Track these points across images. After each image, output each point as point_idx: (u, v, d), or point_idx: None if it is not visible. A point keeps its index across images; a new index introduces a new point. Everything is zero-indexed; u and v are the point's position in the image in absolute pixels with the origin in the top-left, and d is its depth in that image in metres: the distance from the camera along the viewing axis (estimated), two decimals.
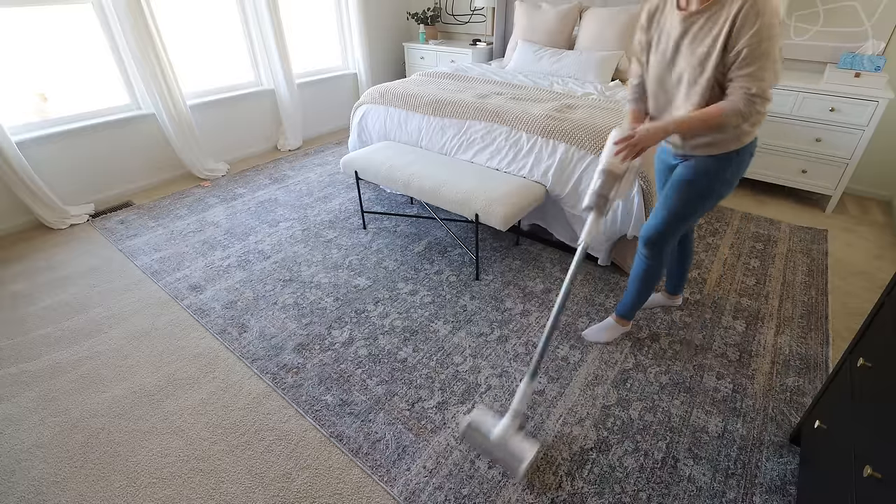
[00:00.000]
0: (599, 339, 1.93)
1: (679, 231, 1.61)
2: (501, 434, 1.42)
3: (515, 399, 1.45)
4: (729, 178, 1.50)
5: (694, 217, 1.57)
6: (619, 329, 1.93)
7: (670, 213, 1.57)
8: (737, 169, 1.48)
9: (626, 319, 1.91)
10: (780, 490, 1.40)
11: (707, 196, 1.52)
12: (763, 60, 1.24)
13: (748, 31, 1.22)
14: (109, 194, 3.15)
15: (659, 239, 1.62)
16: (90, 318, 2.10)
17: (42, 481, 1.44)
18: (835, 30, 2.89)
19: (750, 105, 1.28)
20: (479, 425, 1.47)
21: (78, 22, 2.80)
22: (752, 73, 1.26)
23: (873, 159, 3.03)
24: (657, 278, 1.73)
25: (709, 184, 1.50)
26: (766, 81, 1.26)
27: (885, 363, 1.04)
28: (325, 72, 4.33)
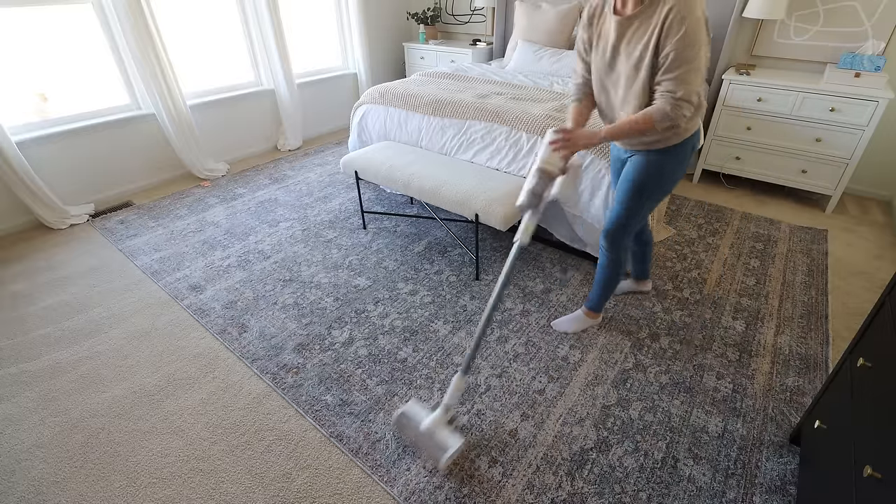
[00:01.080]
0: (567, 329, 1.98)
1: (634, 223, 1.68)
2: (430, 425, 1.48)
3: (447, 393, 1.49)
4: (672, 171, 1.57)
5: (644, 209, 1.65)
6: (588, 321, 1.98)
7: (623, 207, 1.65)
8: (679, 162, 1.55)
9: (595, 312, 1.96)
10: (780, 490, 1.40)
11: (653, 189, 1.60)
12: (687, 65, 1.28)
13: (674, 37, 1.26)
14: (109, 194, 3.15)
15: (615, 232, 1.70)
16: (90, 318, 2.10)
17: (42, 481, 1.44)
18: (835, 30, 2.89)
19: (676, 109, 1.33)
20: (410, 416, 1.52)
21: (78, 22, 2.80)
22: (677, 77, 1.30)
23: (873, 159, 3.03)
24: (620, 270, 1.81)
25: (653, 178, 1.57)
26: (690, 86, 1.31)
27: (885, 363, 1.04)
28: (325, 72, 4.33)
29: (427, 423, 1.49)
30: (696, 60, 1.28)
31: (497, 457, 1.49)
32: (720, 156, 3.18)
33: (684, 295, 2.21)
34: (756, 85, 2.87)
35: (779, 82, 2.80)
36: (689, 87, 1.30)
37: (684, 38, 1.25)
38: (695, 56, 1.27)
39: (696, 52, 1.27)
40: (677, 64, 1.29)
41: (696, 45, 1.26)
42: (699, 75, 1.31)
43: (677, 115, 1.34)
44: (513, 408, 1.66)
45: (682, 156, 1.55)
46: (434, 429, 1.48)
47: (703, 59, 1.30)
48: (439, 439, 1.45)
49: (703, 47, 1.28)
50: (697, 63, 1.29)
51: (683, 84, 1.30)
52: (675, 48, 1.27)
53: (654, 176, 1.57)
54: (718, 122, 3.09)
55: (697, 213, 2.91)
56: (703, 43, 1.28)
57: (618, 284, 1.86)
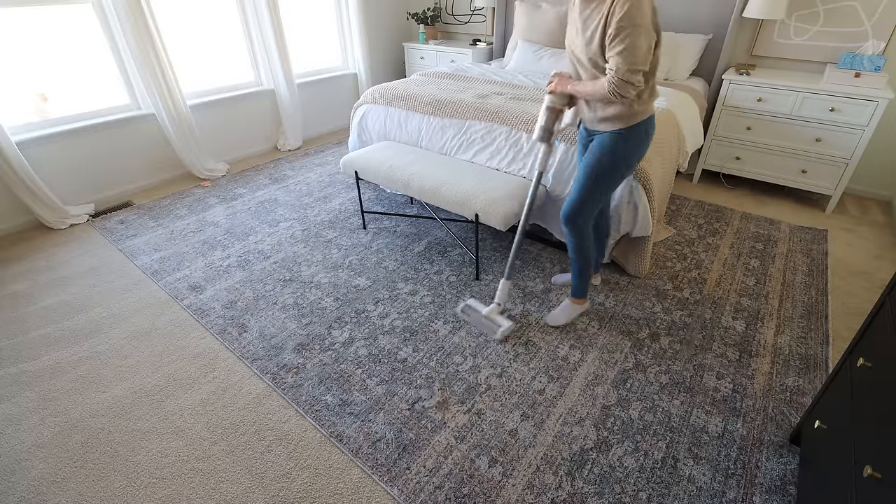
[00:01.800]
0: (559, 321, 2.02)
1: (591, 205, 1.76)
2: (489, 311, 1.98)
3: (497, 294, 1.99)
4: (625, 154, 1.67)
5: (600, 191, 1.73)
6: (578, 308, 2.04)
7: (580, 187, 1.74)
8: (634, 144, 1.66)
9: (581, 298, 2.02)
10: (780, 490, 1.40)
11: (608, 169, 1.69)
12: (626, 46, 1.40)
13: (618, 16, 1.39)
14: (109, 194, 3.15)
15: (574, 214, 1.78)
16: (90, 318, 2.10)
17: (42, 481, 1.44)
18: (835, 30, 2.89)
19: (615, 85, 1.46)
20: (473, 306, 2.04)
21: (78, 22, 2.80)
22: (618, 54, 1.43)
23: (873, 159, 3.03)
24: (588, 251, 1.88)
25: (608, 158, 1.67)
26: (629, 65, 1.43)
27: (885, 363, 1.04)
28: (325, 72, 4.33)
29: (486, 311, 1.98)
30: (634, 42, 1.40)
31: (497, 457, 1.49)
32: (720, 156, 3.18)
33: (684, 295, 2.21)
34: (756, 85, 2.87)
35: (779, 82, 2.80)
36: (625, 67, 1.43)
37: (624, 20, 1.38)
38: (635, 37, 1.39)
39: (634, 34, 1.39)
40: (617, 43, 1.42)
41: (636, 27, 1.38)
42: (638, 56, 1.42)
43: (618, 90, 1.47)
44: (513, 408, 1.66)
45: (636, 139, 1.65)
46: (492, 313, 1.97)
47: (642, 42, 1.41)
48: (496, 320, 1.96)
49: (642, 31, 1.40)
50: (635, 44, 1.40)
51: (621, 64, 1.43)
52: (615, 28, 1.40)
53: (609, 156, 1.67)
54: (718, 122, 3.09)
55: (697, 213, 2.91)
56: (644, 28, 1.40)
57: (591, 266, 1.94)
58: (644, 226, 2.14)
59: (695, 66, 3.30)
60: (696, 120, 2.88)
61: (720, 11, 3.13)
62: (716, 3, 3.13)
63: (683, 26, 3.31)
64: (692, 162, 3.40)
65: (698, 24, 3.25)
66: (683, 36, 3.22)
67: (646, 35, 1.41)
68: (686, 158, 2.75)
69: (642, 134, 1.65)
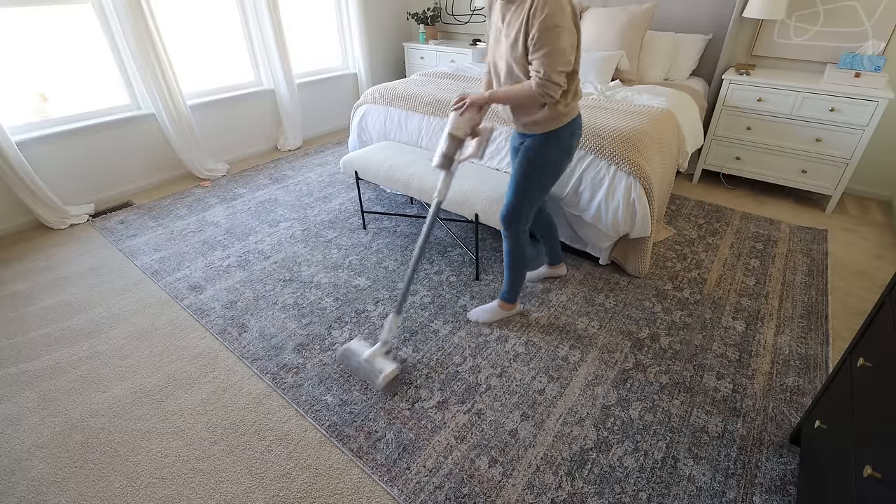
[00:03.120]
0: (481, 318, 2.03)
1: (527, 207, 1.76)
2: (369, 356, 1.70)
3: (384, 330, 1.73)
4: (553, 157, 1.67)
5: (533, 193, 1.73)
6: (503, 312, 2.04)
7: (513, 192, 1.75)
8: (558, 147, 1.65)
9: (509, 303, 2.01)
10: (780, 490, 1.40)
11: (538, 172, 1.69)
12: (549, 48, 1.40)
13: (538, 19, 1.38)
14: (109, 194, 3.15)
15: (511, 216, 1.78)
16: (90, 318, 2.10)
17: (42, 481, 1.44)
18: (835, 30, 2.89)
19: (540, 87, 1.45)
20: (353, 350, 1.75)
21: (78, 22, 2.80)
22: (540, 58, 1.42)
23: (873, 159, 3.03)
24: (525, 257, 1.87)
25: (536, 160, 1.67)
26: (551, 67, 1.42)
27: (885, 363, 1.04)
28: (325, 72, 4.33)
29: (367, 354, 1.71)
30: (556, 43, 1.39)
31: (497, 457, 1.49)
32: (720, 156, 3.18)
33: (684, 295, 2.21)
34: (756, 85, 2.87)
35: (779, 82, 2.80)
36: (549, 68, 1.42)
37: (545, 21, 1.37)
38: (554, 39, 1.39)
39: (555, 35, 1.38)
40: (539, 45, 1.41)
41: (555, 29, 1.38)
42: (560, 58, 1.42)
43: (541, 93, 1.47)
44: (513, 408, 1.66)
45: (561, 141, 1.64)
46: (373, 359, 1.70)
47: (564, 43, 1.41)
48: (378, 366, 1.68)
49: (564, 32, 1.39)
50: (557, 46, 1.40)
51: (545, 65, 1.42)
52: (537, 30, 1.39)
53: (537, 160, 1.67)
54: (718, 122, 3.09)
55: (697, 213, 2.91)
56: (565, 29, 1.40)
57: (525, 273, 1.93)
58: (644, 226, 2.14)
59: (695, 66, 3.30)
60: (696, 120, 2.88)
61: (720, 11, 3.13)
62: (716, 3, 3.13)
63: (683, 26, 3.31)
64: (692, 162, 3.40)
65: (698, 24, 3.25)
66: (683, 36, 3.22)
67: (568, 35, 1.41)
68: (686, 158, 2.76)
69: (568, 136, 1.65)
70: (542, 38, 1.39)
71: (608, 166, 2.13)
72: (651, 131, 2.29)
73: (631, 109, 2.50)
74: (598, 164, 2.15)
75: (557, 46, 1.40)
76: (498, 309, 2.03)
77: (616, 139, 2.14)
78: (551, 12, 1.36)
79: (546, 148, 1.65)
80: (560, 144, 1.65)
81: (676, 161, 2.63)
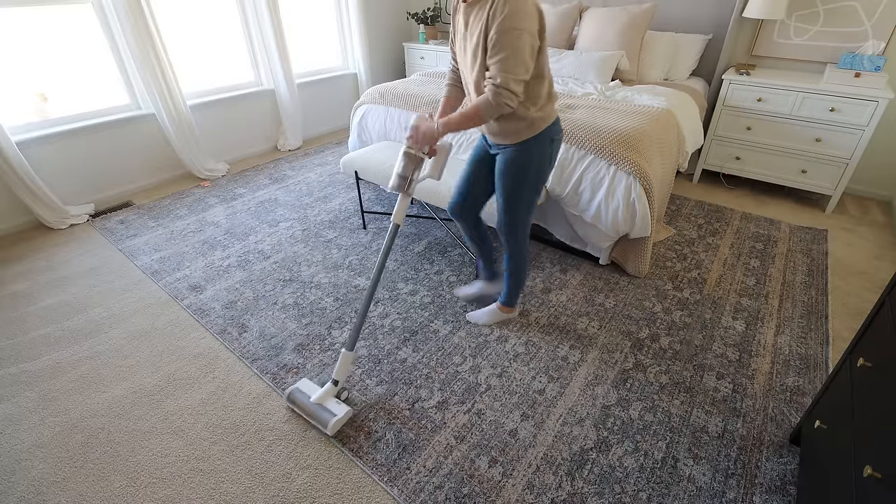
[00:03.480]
0: (480, 320, 2.02)
1: (521, 215, 1.69)
2: (320, 396, 1.62)
3: (335, 369, 1.62)
4: (534, 164, 1.57)
5: (521, 201, 1.65)
6: (503, 316, 2.02)
7: (503, 210, 1.70)
8: (538, 154, 1.56)
9: (508, 307, 2.00)
10: (780, 490, 1.40)
11: (520, 182, 1.61)
12: (506, 51, 1.30)
13: (496, 21, 1.28)
14: (109, 194, 3.15)
15: (508, 231, 1.73)
16: (90, 318, 2.10)
17: (42, 481, 1.44)
18: (835, 30, 2.89)
19: (497, 97, 1.34)
20: (303, 390, 1.66)
21: (78, 22, 2.79)
22: (497, 63, 1.32)
23: (873, 159, 3.03)
24: (525, 262, 1.84)
25: (517, 170, 1.59)
26: (509, 73, 1.31)
27: (885, 363, 1.04)
28: (325, 72, 4.33)
29: (317, 395, 1.62)
30: (516, 46, 1.29)
31: (497, 457, 1.49)
32: (720, 156, 3.18)
33: (684, 295, 2.21)
34: (756, 85, 2.87)
35: (779, 82, 2.80)
36: (507, 74, 1.32)
37: (504, 23, 1.27)
38: (513, 42, 1.29)
39: (515, 38, 1.28)
40: (497, 49, 1.31)
41: (514, 31, 1.28)
42: (519, 65, 1.32)
43: (498, 102, 1.35)
44: (513, 408, 1.66)
45: (539, 148, 1.55)
46: (324, 399, 1.61)
47: (524, 47, 1.30)
48: (329, 407, 1.59)
49: (524, 35, 1.29)
50: (517, 50, 1.30)
51: (502, 71, 1.32)
52: (496, 32, 1.29)
53: (518, 170, 1.59)
54: (718, 122, 3.09)
55: (697, 213, 2.91)
56: (526, 31, 1.29)
57: (525, 278, 1.90)
58: (644, 226, 2.14)
59: (695, 66, 3.30)
60: (696, 120, 2.88)
61: (720, 11, 3.13)
62: (716, 3, 3.13)
63: (683, 26, 3.31)
64: (692, 162, 3.40)
65: (698, 24, 3.25)
66: (683, 36, 3.22)
67: (529, 39, 1.31)
68: (686, 158, 2.76)
69: (547, 142, 1.56)
70: (500, 41, 1.29)
71: (608, 166, 2.13)
72: (651, 131, 2.29)
73: (631, 109, 2.50)
74: (598, 164, 2.15)
75: (517, 51, 1.30)
76: (498, 312, 2.02)
77: (616, 139, 2.14)
78: (511, 13, 1.27)
79: (522, 156, 1.56)
80: (538, 152, 1.55)
81: (676, 161, 2.63)
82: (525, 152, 1.55)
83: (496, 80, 1.34)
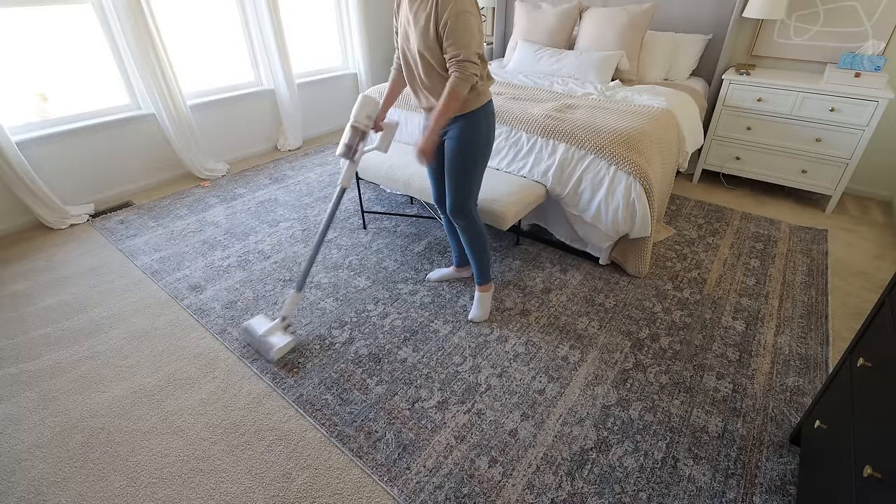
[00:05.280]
0: (482, 315, 2.06)
1: (469, 192, 1.81)
2: (268, 329, 1.85)
3: (284, 306, 1.82)
4: (471, 138, 1.72)
5: (469, 177, 1.78)
6: (488, 294, 2.08)
7: (451, 183, 1.80)
8: (474, 130, 1.72)
9: (486, 283, 2.06)
10: (780, 490, 1.40)
11: (463, 157, 1.74)
12: (462, 30, 1.49)
13: (446, 8, 1.48)
14: (109, 194, 3.15)
15: (457, 207, 1.84)
16: (90, 318, 2.10)
17: (42, 481, 1.44)
18: (835, 30, 2.89)
19: (463, 70, 1.53)
20: (254, 325, 1.89)
21: (78, 22, 2.79)
22: (455, 42, 1.51)
23: (873, 159, 3.03)
24: (483, 236, 1.93)
25: (458, 147, 1.73)
26: (468, 48, 1.51)
27: (885, 363, 1.04)
28: (325, 72, 4.33)
29: (265, 329, 1.85)
30: (468, 27, 1.50)
31: (497, 457, 1.49)
32: (720, 156, 3.18)
33: (684, 295, 2.21)
34: (756, 85, 2.87)
35: (779, 82, 2.80)
36: (467, 49, 1.51)
37: (454, 8, 1.47)
38: (464, 24, 1.49)
39: (465, 21, 1.49)
40: (452, 31, 1.50)
41: (464, 14, 1.48)
42: (473, 41, 1.52)
43: (467, 74, 1.54)
44: (513, 408, 1.66)
45: (475, 124, 1.71)
46: (270, 332, 1.84)
47: (474, 27, 1.52)
48: (273, 339, 1.82)
49: (472, 17, 1.50)
50: (469, 30, 1.50)
51: (462, 47, 1.51)
52: (448, 17, 1.48)
53: (459, 145, 1.73)
54: (718, 122, 3.09)
55: (697, 213, 2.91)
56: (473, 14, 1.51)
57: (488, 251, 1.99)
58: (644, 226, 2.14)
59: (695, 66, 3.30)
60: (696, 120, 2.88)
61: (720, 11, 3.13)
62: (716, 3, 3.13)
63: (683, 26, 3.31)
64: (692, 162, 3.40)
65: (698, 24, 3.25)
66: (683, 36, 3.22)
67: (476, 20, 1.52)
68: (686, 158, 2.76)
69: (481, 119, 1.72)
70: (453, 25, 1.48)
71: (608, 166, 2.13)
72: (651, 131, 2.29)
73: (631, 109, 2.50)
74: (598, 164, 2.15)
75: (469, 28, 1.50)
76: (482, 295, 2.06)
77: (616, 139, 2.14)
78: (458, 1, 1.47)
79: (462, 133, 1.71)
80: (474, 127, 1.71)
81: (676, 161, 2.63)
82: (461, 129, 1.71)
83: (459, 57, 1.52)
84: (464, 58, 1.52)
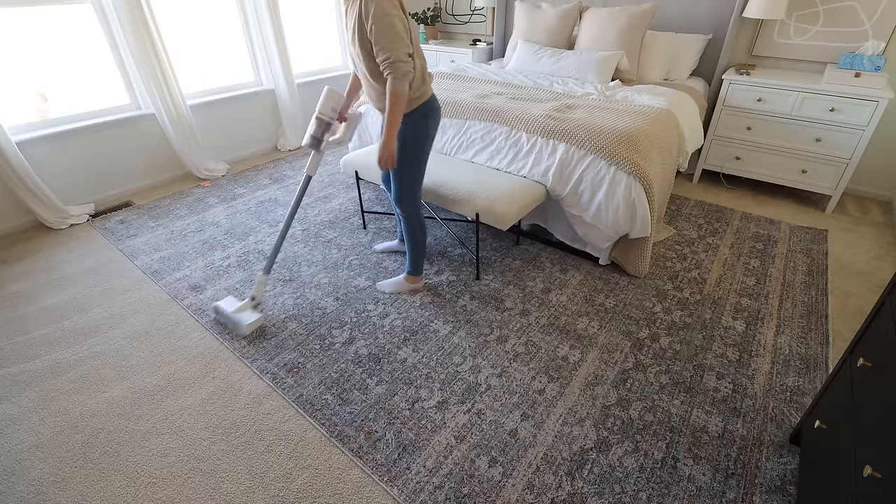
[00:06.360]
0: (386, 290, 2.21)
1: (409, 184, 1.93)
2: (238, 307, 1.99)
3: (253, 288, 1.99)
4: (411, 135, 1.82)
5: (407, 172, 1.89)
6: (408, 286, 2.20)
7: (396, 174, 1.90)
8: (416, 128, 1.81)
9: (414, 275, 2.18)
10: (780, 490, 1.40)
11: (408, 151, 1.84)
12: (386, 33, 1.56)
13: (369, 15, 1.55)
14: (109, 194, 3.15)
15: (400, 198, 1.96)
16: (90, 318, 2.10)
17: (42, 481, 1.44)
18: (835, 30, 2.89)
19: (396, 70, 1.59)
20: (224, 305, 2.02)
21: (78, 22, 2.80)
22: (384, 46, 1.58)
23: (873, 159, 3.03)
24: (422, 230, 2.06)
25: (402, 143, 1.83)
26: (398, 50, 1.58)
27: (885, 363, 1.04)
28: (325, 72, 4.33)
29: (236, 307, 1.99)
30: (392, 27, 1.56)
31: (497, 457, 1.49)
32: (720, 156, 3.18)
33: (684, 295, 2.21)
34: (756, 85, 2.87)
35: (779, 82, 2.80)
36: (396, 51, 1.58)
37: (376, 12, 1.53)
38: (389, 26, 1.55)
39: (389, 23, 1.55)
40: (379, 35, 1.56)
41: (387, 17, 1.55)
42: (400, 40, 1.59)
43: (401, 72, 1.60)
44: (513, 408, 1.66)
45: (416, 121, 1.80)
46: (241, 311, 1.98)
47: (399, 27, 1.57)
48: (243, 316, 1.97)
49: (395, 19, 1.56)
50: (394, 31, 1.56)
51: (391, 49, 1.58)
52: (372, 22, 1.55)
53: (406, 138, 1.82)
54: (718, 122, 3.09)
55: (697, 213, 2.91)
56: (396, 16, 1.57)
57: (424, 245, 2.11)
58: (644, 226, 2.14)
59: (695, 66, 3.30)
60: (696, 120, 2.88)
61: (720, 11, 3.13)
62: (716, 3, 3.13)
63: (683, 26, 3.31)
64: (692, 162, 3.39)
65: (698, 24, 3.25)
66: (683, 36, 3.22)
67: (400, 21, 1.58)
68: (686, 158, 2.76)
69: (421, 116, 1.80)
70: (378, 29, 1.55)
71: (608, 166, 2.13)
72: (651, 131, 2.29)
73: (631, 109, 2.50)
74: (598, 163, 2.15)
75: (395, 32, 1.56)
76: (403, 283, 2.17)
77: (616, 139, 2.14)
78: (378, 3, 1.53)
79: (408, 127, 1.80)
80: (414, 125, 1.80)
81: (676, 161, 2.63)
82: (414, 121, 1.79)
83: (390, 59, 1.58)
84: (394, 59, 1.58)
